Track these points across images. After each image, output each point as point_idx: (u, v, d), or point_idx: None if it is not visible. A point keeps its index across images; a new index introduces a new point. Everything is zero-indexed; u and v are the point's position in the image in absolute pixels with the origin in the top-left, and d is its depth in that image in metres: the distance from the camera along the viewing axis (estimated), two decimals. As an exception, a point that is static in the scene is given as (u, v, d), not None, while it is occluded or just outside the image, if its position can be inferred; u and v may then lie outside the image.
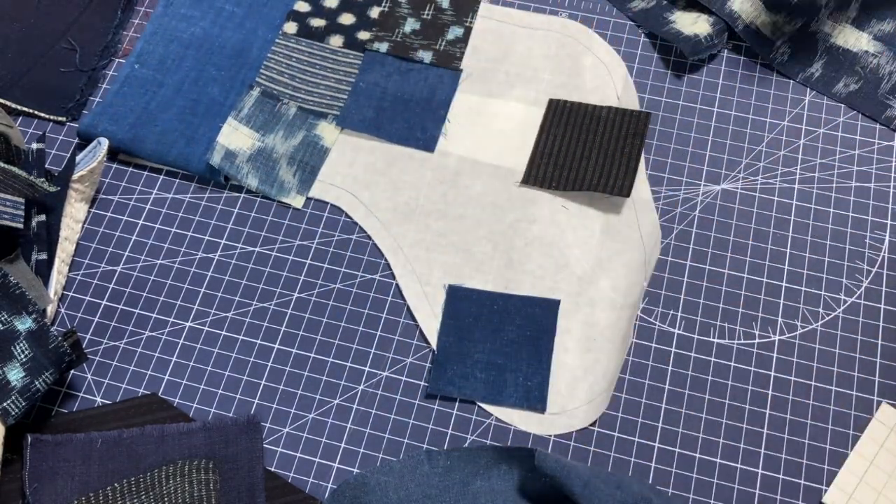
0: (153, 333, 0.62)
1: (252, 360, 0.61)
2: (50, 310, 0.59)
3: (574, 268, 0.62)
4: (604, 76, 0.70)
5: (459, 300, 0.61)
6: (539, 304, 0.61)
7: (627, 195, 0.63)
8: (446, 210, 0.65)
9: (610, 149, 0.65)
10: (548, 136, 0.67)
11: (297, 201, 0.66)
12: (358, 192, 0.66)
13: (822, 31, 0.70)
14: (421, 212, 0.65)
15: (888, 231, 0.64)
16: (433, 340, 0.60)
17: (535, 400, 0.58)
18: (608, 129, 0.66)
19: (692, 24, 0.71)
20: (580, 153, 0.66)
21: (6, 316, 0.55)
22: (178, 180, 0.68)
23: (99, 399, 0.59)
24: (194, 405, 0.59)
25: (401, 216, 0.65)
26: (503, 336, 0.60)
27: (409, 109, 0.69)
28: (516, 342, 0.60)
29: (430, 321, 0.61)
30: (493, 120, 0.69)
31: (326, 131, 0.69)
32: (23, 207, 0.59)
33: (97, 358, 0.61)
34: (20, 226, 0.58)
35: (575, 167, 0.65)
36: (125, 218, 0.66)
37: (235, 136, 0.67)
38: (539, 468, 0.52)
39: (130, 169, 0.69)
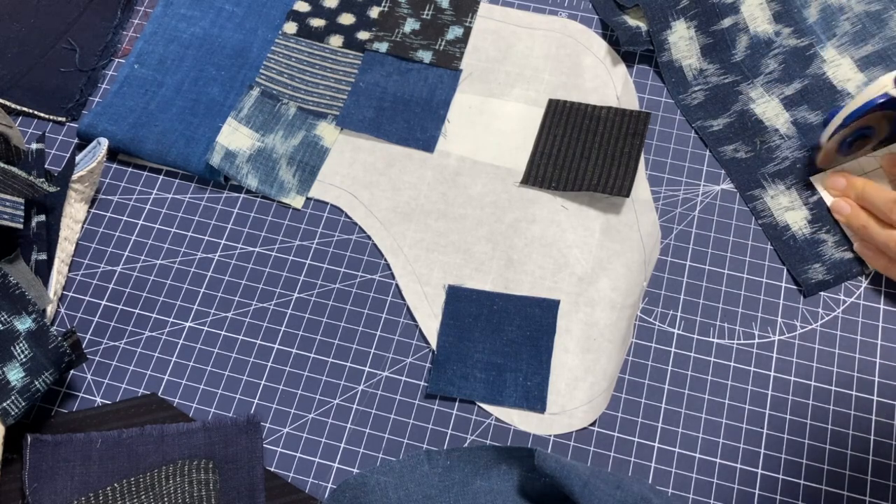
0: (153, 333, 0.62)
1: (252, 360, 0.61)
2: (50, 310, 0.59)
3: (574, 268, 0.62)
4: (603, 76, 0.70)
5: (459, 300, 0.61)
6: (539, 304, 0.61)
7: (627, 195, 0.63)
8: (446, 210, 0.65)
9: (610, 149, 0.65)
10: (547, 136, 0.67)
11: (296, 201, 0.66)
12: (358, 192, 0.66)
13: (747, 94, 0.67)
14: (421, 212, 0.65)
15: (888, 231, 0.64)
16: (433, 340, 0.60)
17: (535, 400, 0.58)
18: (608, 129, 0.66)
19: (639, 18, 0.71)
20: (580, 153, 0.66)
21: (6, 316, 0.55)
22: (178, 180, 0.68)
23: (99, 399, 0.59)
24: (194, 405, 0.59)
25: (401, 216, 0.65)
26: (503, 336, 0.60)
27: (408, 109, 0.69)
28: (516, 342, 0.60)
29: (430, 321, 0.61)
30: (492, 120, 0.68)
31: (326, 131, 0.68)
32: (23, 207, 0.59)
33: (97, 358, 0.61)
34: (20, 226, 0.58)
35: (575, 167, 0.65)
36: (125, 218, 0.66)
37: (235, 137, 0.67)
38: (539, 468, 0.52)
39: (130, 169, 0.69)
